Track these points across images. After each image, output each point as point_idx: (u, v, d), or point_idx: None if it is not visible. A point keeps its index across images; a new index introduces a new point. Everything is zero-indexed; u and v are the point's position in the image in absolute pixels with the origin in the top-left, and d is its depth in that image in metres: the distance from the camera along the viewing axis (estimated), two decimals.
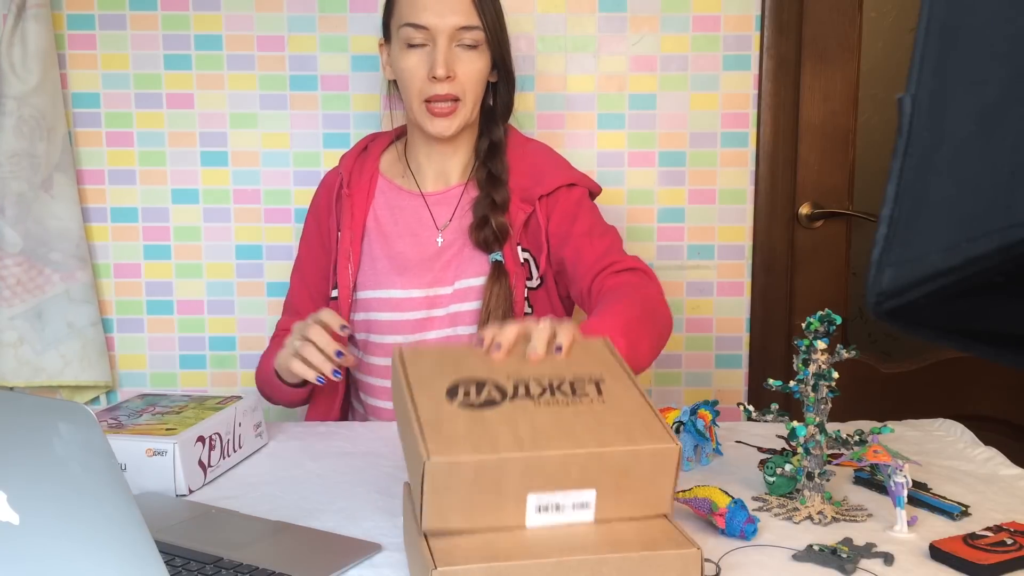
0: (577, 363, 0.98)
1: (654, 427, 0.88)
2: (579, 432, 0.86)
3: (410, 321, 1.48)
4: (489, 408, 0.89)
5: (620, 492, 0.86)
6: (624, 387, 0.94)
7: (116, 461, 0.68)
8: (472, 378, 0.94)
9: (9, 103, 1.79)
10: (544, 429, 0.86)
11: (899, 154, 0.47)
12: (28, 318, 1.85)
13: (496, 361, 0.97)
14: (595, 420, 0.88)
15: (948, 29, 0.46)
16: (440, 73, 1.38)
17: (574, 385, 0.94)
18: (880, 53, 1.96)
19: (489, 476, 0.83)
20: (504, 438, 0.85)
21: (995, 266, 0.42)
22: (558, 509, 0.85)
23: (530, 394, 0.91)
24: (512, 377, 0.94)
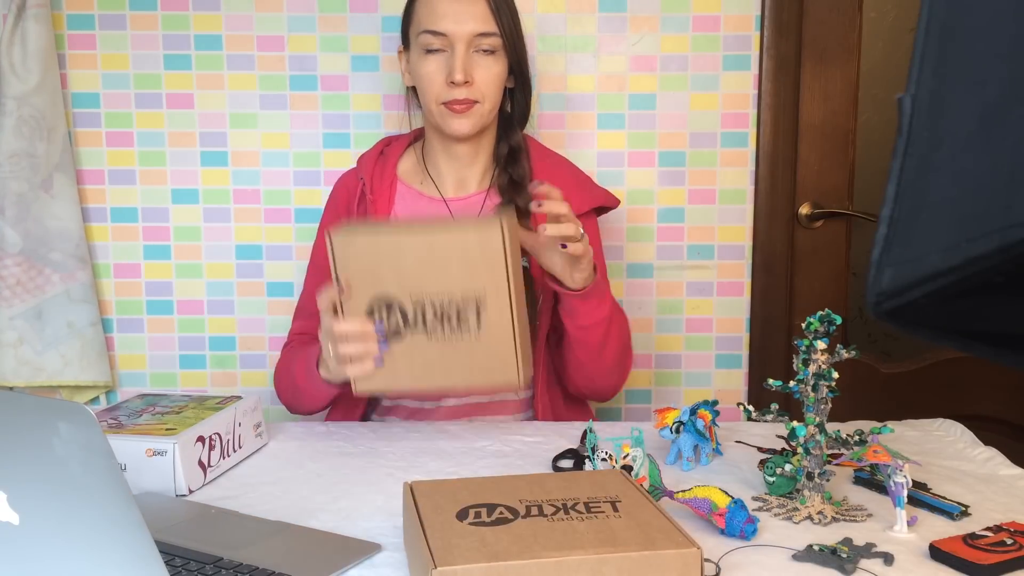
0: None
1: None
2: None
3: None
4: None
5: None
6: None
7: (116, 461, 0.68)
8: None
9: (9, 103, 1.79)
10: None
11: (899, 154, 0.47)
12: (28, 318, 1.85)
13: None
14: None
15: (948, 29, 0.46)
16: (458, 78, 1.39)
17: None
18: (880, 53, 1.96)
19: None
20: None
21: (995, 266, 0.42)
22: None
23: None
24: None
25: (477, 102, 1.43)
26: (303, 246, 1.94)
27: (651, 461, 1.11)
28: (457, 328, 1.22)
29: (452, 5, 1.40)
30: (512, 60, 1.45)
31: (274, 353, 1.95)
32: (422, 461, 1.29)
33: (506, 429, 1.42)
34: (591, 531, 0.86)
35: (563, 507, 0.92)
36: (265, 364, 1.97)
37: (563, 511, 0.91)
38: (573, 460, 1.27)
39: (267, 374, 1.97)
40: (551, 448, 1.33)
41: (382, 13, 1.88)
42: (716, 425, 1.29)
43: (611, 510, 0.91)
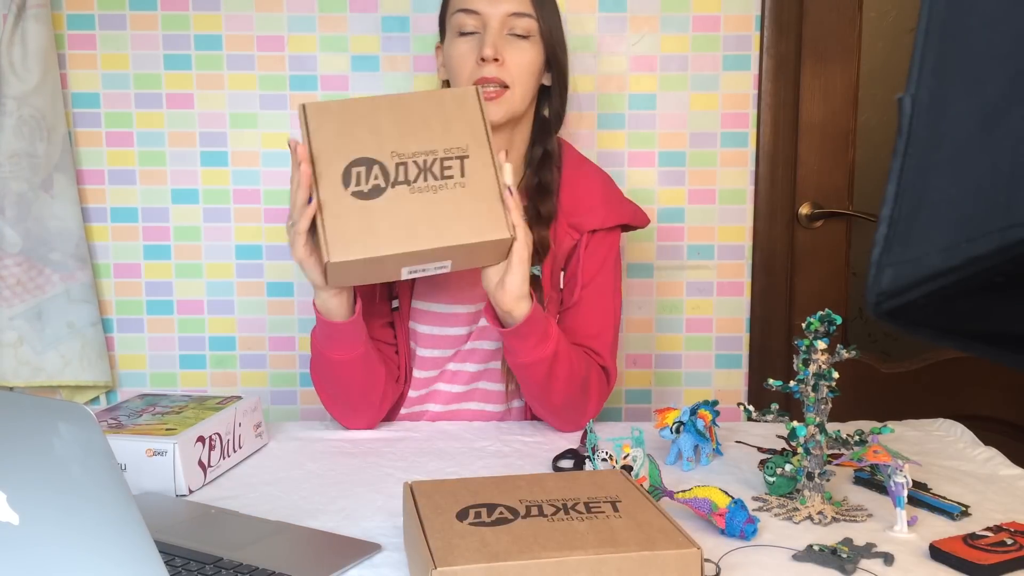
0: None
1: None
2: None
3: (449, 337, 1.44)
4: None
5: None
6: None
7: (116, 461, 0.68)
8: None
9: (9, 103, 1.79)
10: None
11: (899, 154, 0.47)
12: (28, 318, 1.85)
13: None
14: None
15: (948, 29, 0.46)
16: (488, 53, 1.34)
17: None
18: (880, 53, 1.96)
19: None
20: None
21: (995, 266, 0.42)
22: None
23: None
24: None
25: (507, 87, 1.37)
26: None
27: (651, 461, 1.11)
28: (441, 178, 1.19)
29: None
30: (549, 51, 1.41)
31: (274, 353, 1.96)
32: (422, 461, 1.29)
33: (506, 429, 1.42)
34: (591, 531, 0.86)
35: (563, 507, 0.92)
36: (265, 364, 1.97)
37: (563, 511, 0.91)
38: (573, 460, 1.27)
39: (267, 374, 1.97)
40: (551, 448, 1.33)
41: (382, 13, 1.88)
42: (716, 425, 1.29)
43: (611, 510, 0.91)
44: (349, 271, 1.20)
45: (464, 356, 1.45)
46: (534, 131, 1.48)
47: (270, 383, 1.97)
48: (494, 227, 1.19)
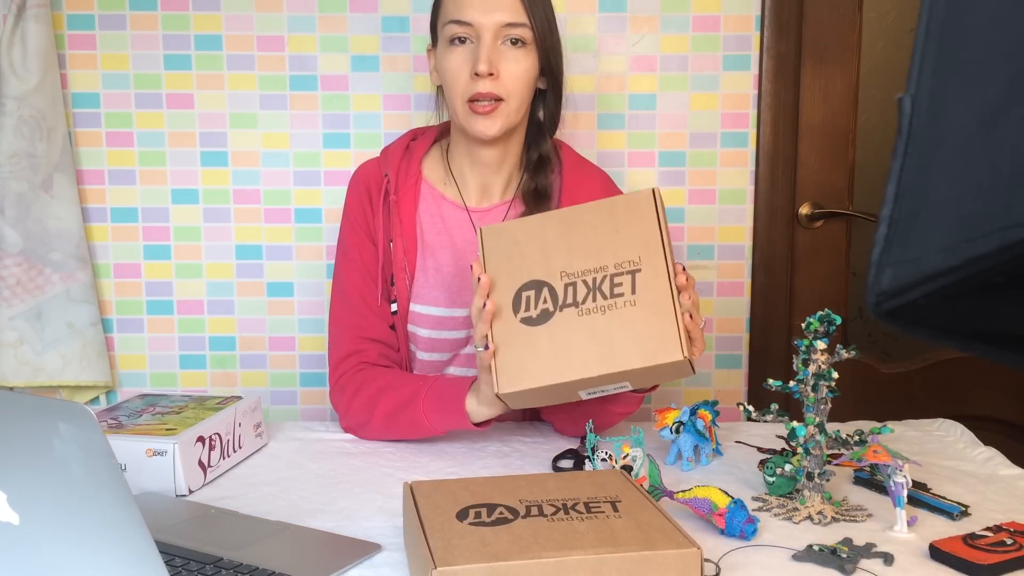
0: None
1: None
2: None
3: (449, 340, 1.44)
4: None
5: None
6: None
7: (116, 461, 0.68)
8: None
9: (9, 103, 1.79)
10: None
11: (899, 154, 0.47)
12: (28, 318, 1.85)
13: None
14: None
15: (948, 29, 0.46)
16: (482, 69, 1.31)
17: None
18: (880, 53, 1.96)
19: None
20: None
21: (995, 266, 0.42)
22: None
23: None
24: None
25: (502, 100, 1.34)
26: (303, 246, 1.94)
27: (651, 461, 1.11)
28: (610, 296, 1.13)
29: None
30: (543, 57, 1.38)
31: (274, 353, 1.96)
32: (422, 461, 1.29)
33: (506, 429, 1.42)
34: (591, 531, 0.86)
35: (563, 507, 0.92)
36: (265, 364, 1.97)
37: (563, 511, 0.91)
38: (573, 460, 1.27)
39: (267, 374, 1.97)
40: (551, 448, 1.33)
41: (382, 13, 1.88)
42: (716, 425, 1.29)
43: (611, 510, 0.91)
44: (522, 399, 1.17)
45: (464, 360, 1.45)
46: (529, 134, 1.46)
47: (270, 383, 1.97)
48: (666, 350, 1.10)
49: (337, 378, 1.41)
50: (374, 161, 1.50)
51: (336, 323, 1.45)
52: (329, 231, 1.93)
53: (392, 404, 1.34)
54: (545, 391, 1.15)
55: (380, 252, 1.43)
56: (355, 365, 1.40)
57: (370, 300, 1.43)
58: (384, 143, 1.89)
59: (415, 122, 1.65)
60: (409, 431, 1.35)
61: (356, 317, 1.43)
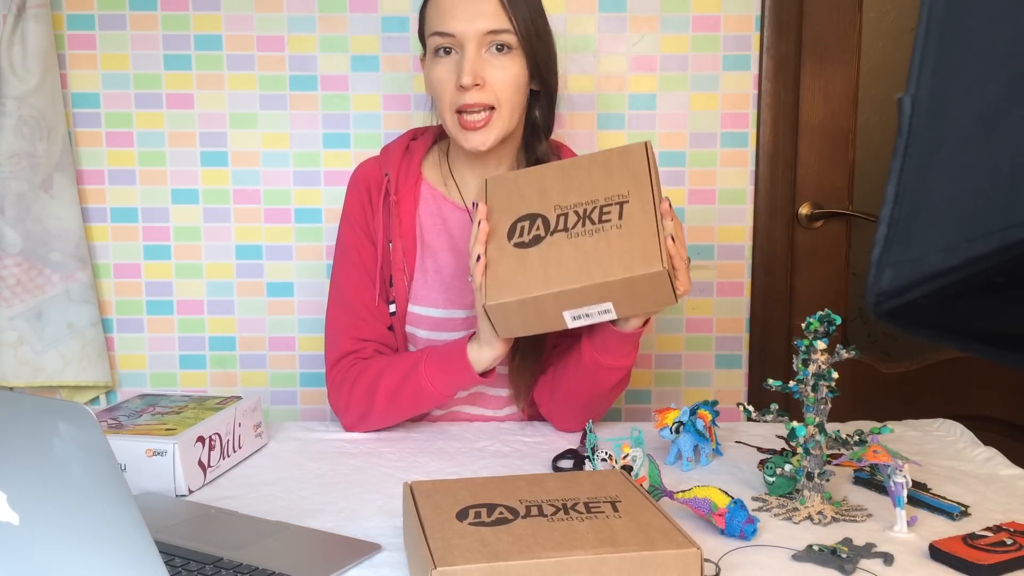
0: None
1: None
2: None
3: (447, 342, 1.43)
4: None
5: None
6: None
7: (116, 461, 0.68)
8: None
9: (9, 103, 1.79)
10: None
11: (899, 154, 0.47)
12: (28, 318, 1.85)
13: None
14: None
15: (948, 29, 0.46)
16: (466, 81, 1.30)
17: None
18: (880, 53, 1.96)
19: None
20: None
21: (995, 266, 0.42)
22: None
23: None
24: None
25: (492, 108, 1.33)
26: (303, 246, 1.94)
27: (651, 461, 1.11)
28: (599, 222, 1.21)
29: (461, 3, 1.32)
30: (531, 61, 1.35)
31: (274, 353, 1.96)
32: (422, 461, 1.29)
33: (506, 429, 1.42)
34: (591, 531, 0.87)
35: (563, 507, 0.92)
36: (265, 364, 1.97)
37: (563, 511, 0.91)
38: (573, 460, 1.27)
39: (267, 374, 1.97)
40: (551, 448, 1.33)
41: (382, 13, 1.88)
42: (716, 425, 1.29)
43: (611, 510, 0.91)
44: (510, 317, 1.21)
45: None
46: (525, 136, 1.45)
47: (270, 383, 1.97)
48: (646, 262, 1.16)
49: (333, 377, 1.41)
50: (374, 160, 1.49)
51: (333, 324, 1.44)
52: (329, 231, 1.93)
53: (393, 382, 1.35)
54: (531, 307, 1.19)
55: (379, 252, 1.42)
56: (351, 363, 1.40)
57: (368, 301, 1.42)
58: (384, 143, 1.89)
59: (415, 122, 1.65)
60: (414, 404, 1.35)
61: (353, 318, 1.42)
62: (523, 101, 1.39)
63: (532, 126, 1.44)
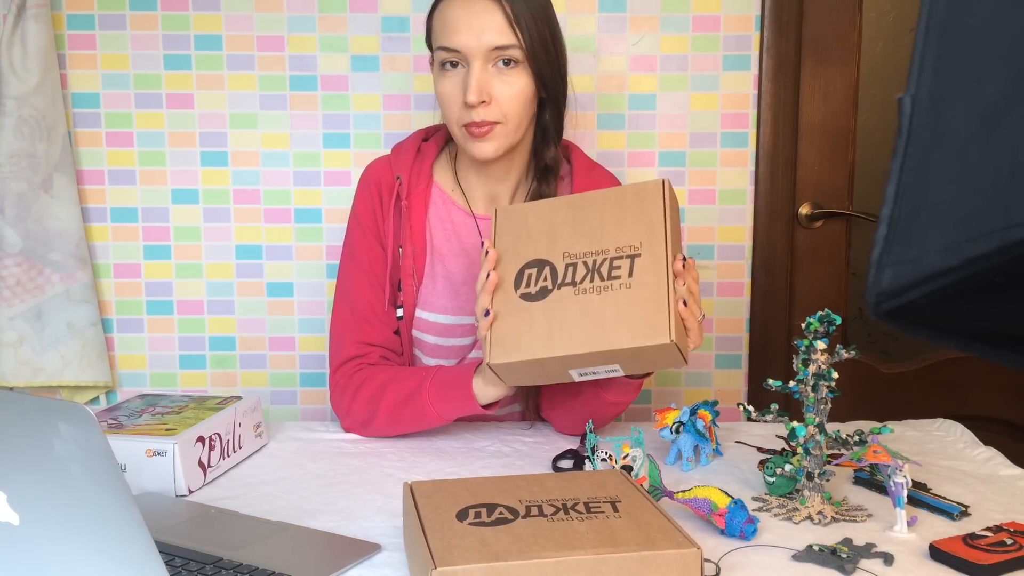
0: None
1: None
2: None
3: (455, 347, 1.43)
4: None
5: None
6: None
7: (116, 461, 0.68)
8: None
9: (9, 103, 1.79)
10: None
11: (899, 154, 0.47)
12: (28, 318, 1.85)
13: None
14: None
15: (948, 29, 0.46)
16: (472, 100, 1.28)
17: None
18: (880, 53, 1.96)
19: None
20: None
21: (995, 266, 0.42)
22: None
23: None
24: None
25: (499, 123, 1.31)
26: (303, 246, 1.94)
27: (651, 461, 1.11)
28: (607, 278, 1.15)
29: (466, 17, 1.29)
30: (537, 73, 1.33)
31: (274, 353, 1.96)
32: (422, 461, 1.29)
33: (506, 429, 1.42)
34: (591, 531, 0.86)
35: (563, 507, 0.92)
36: (265, 364, 1.97)
37: (563, 511, 0.91)
38: (573, 460, 1.27)
39: (267, 374, 1.97)
40: (551, 448, 1.33)
41: (382, 13, 1.88)
42: (716, 425, 1.29)
43: (611, 510, 0.91)
44: (515, 373, 1.19)
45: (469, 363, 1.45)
46: (535, 141, 1.43)
47: (270, 383, 1.97)
48: (654, 332, 1.11)
49: (337, 380, 1.41)
50: (385, 160, 1.47)
51: (338, 326, 1.43)
52: (329, 231, 1.93)
53: (396, 398, 1.34)
54: (536, 366, 1.16)
55: (389, 256, 1.42)
56: (355, 368, 1.40)
57: (375, 304, 1.42)
58: (384, 143, 1.89)
59: (415, 122, 1.65)
60: (415, 423, 1.35)
61: (359, 322, 1.42)
62: (531, 113, 1.37)
63: (542, 131, 1.42)
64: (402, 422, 1.35)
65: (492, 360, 1.16)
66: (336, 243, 1.82)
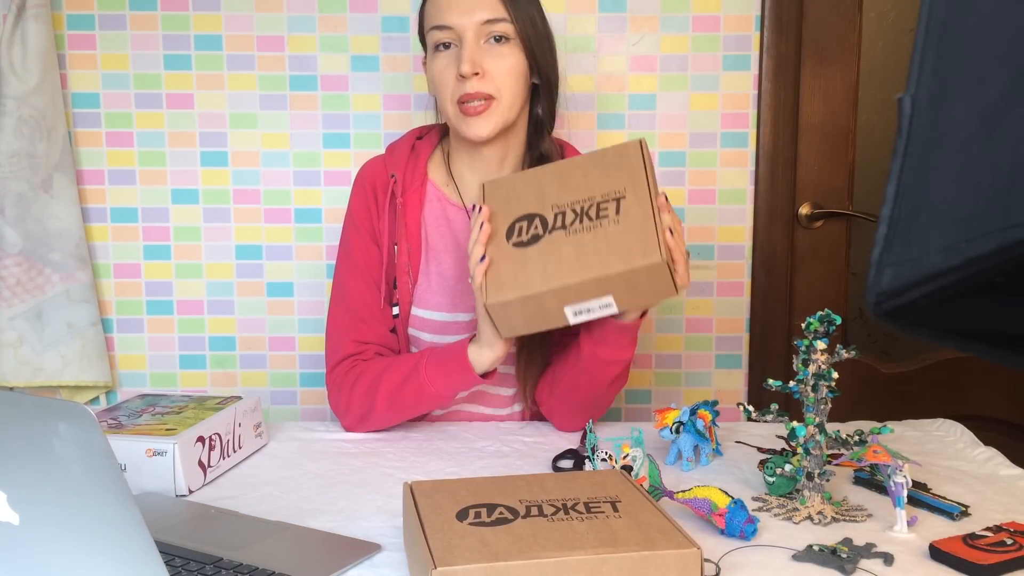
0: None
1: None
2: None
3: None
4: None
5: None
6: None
7: (116, 461, 0.68)
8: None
9: (9, 103, 1.79)
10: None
11: (899, 154, 0.47)
12: (28, 318, 1.85)
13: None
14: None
15: (948, 29, 0.46)
16: (466, 70, 1.30)
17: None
18: (880, 53, 1.96)
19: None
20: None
21: (995, 266, 0.42)
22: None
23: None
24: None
25: (493, 98, 1.33)
26: (303, 246, 1.94)
27: (651, 461, 1.11)
28: (596, 218, 1.21)
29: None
30: (529, 52, 1.35)
31: (274, 353, 1.96)
32: (422, 461, 1.29)
33: (506, 429, 1.42)
34: (591, 531, 0.86)
35: (563, 507, 0.92)
36: (265, 364, 1.97)
37: (563, 511, 0.91)
38: (573, 460, 1.27)
39: (267, 374, 1.97)
40: (551, 448, 1.33)
41: (382, 13, 1.88)
42: (716, 425, 1.29)
43: (611, 510, 0.91)
44: (512, 316, 1.22)
45: None
46: (529, 133, 1.44)
47: (270, 383, 1.97)
48: (644, 253, 1.16)
49: (333, 379, 1.41)
50: (379, 160, 1.48)
51: (334, 325, 1.44)
52: (329, 231, 1.93)
53: (393, 382, 1.35)
54: (532, 304, 1.20)
55: (384, 255, 1.42)
56: (351, 365, 1.40)
57: (371, 303, 1.42)
58: (384, 143, 1.89)
59: (415, 122, 1.65)
60: (415, 405, 1.36)
61: (355, 320, 1.42)
62: (523, 92, 1.38)
63: (535, 122, 1.44)
64: (401, 405, 1.36)
65: (489, 300, 1.20)
66: (336, 243, 1.82)
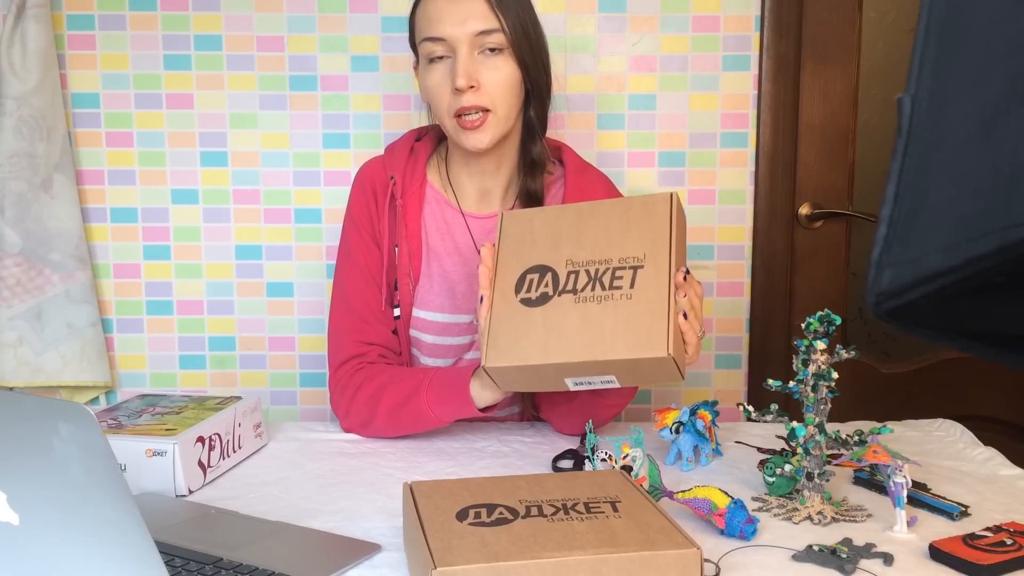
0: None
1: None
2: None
3: (453, 346, 1.43)
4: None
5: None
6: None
7: (116, 461, 0.68)
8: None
9: (9, 103, 1.79)
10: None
11: (899, 154, 0.47)
12: (28, 318, 1.85)
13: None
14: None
15: (948, 29, 0.46)
16: (460, 84, 1.29)
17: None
18: (880, 53, 1.96)
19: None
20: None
21: (995, 266, 0.42)
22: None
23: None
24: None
25: (488, 110, 1.32)
26: (303, 246, 1.94)
27: (651, 461, 1.11)
28: (608, 288, 1.14)
29: (448, 6, 1.31)
30: (521, 61, 1.34)
31: (274, 353, 1.96)
32: (422, 461, 1.29)
33: (506, 429, 1.42)
34: (591, 531, 0.86)
35: (563, 507, 0.92)
36: (265, 364, 1.97)
37: (563, 511, 0.91)
38: (573, 460, 1.27)
39: (267, 374, 1.97)
40: (551, 448, 1.33)
41: (382, 13, 1.88)
42: (716, 425, 1.29)
43: (611, 510, 0.91)
44: (510, 377, 1.18)
45: (467, 364, 1.45)
46: (522, 138, 1.43)
47: (270, 383, 1.97)
48: (651, 345, 1.09)
49: (336, 381, 1.41)
50: (379, 161, 1.47)
51: (337, 327, 1.43)
52: (329, 231, 1.93)
53: (394, 400, 1.34)
54: (531, 372, 1.16)
55: (385, 256, 1.42)
56: (355, 367, 1.40)
57: (373, 304, 1.42)
58: (384, 143, 1.89)
59: (415, 122, 1.65)
60: (414, 425, 1.35)
61: (357, 321, 1.42)
62: (518, 102, 1.38)
63: (527, 127, 1.43)
64: (401, 424, 1.35)
65: (488, 363, 1.16)
66: (336, 243, 1.82)
